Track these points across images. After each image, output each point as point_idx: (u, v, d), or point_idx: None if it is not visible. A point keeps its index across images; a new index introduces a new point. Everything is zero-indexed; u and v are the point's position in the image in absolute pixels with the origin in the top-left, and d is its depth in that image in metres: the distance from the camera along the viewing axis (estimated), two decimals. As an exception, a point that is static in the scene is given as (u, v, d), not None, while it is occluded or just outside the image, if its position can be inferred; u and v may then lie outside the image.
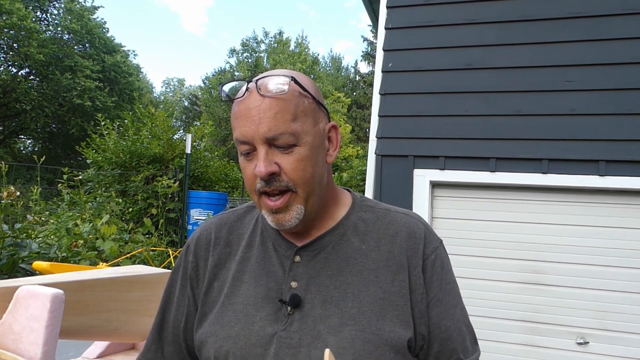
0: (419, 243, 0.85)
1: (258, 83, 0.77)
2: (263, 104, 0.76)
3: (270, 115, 0.75)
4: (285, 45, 27.30)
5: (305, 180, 0.78)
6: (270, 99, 0.76)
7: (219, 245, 0.92)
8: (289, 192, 0.79)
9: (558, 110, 2.77)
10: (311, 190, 0.80)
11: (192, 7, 79.62)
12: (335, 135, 0.86)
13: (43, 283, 1.23)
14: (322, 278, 0.82)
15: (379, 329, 0.78)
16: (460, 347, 0.84)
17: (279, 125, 0.75)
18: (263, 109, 0.76)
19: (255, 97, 0.77)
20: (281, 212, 0.79)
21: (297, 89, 0.78)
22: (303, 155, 0.78)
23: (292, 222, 0.80)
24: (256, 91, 0.77)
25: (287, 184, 0.78)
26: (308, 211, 0.81)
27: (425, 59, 3.06)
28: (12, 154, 22.74)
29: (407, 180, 2.96)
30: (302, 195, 0.79)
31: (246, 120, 0.77)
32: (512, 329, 2.79)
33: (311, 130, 0.80)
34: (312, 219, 0.84)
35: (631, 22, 2.71)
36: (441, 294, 0.84)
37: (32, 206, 7.26)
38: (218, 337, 0.82)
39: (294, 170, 0.77)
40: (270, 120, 0.75)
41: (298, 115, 0.78)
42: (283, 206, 0.79)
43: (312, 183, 0.80)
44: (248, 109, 0.77)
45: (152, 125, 9.79)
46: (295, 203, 0.79)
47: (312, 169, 0.79)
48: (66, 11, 20.91)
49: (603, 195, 2.72)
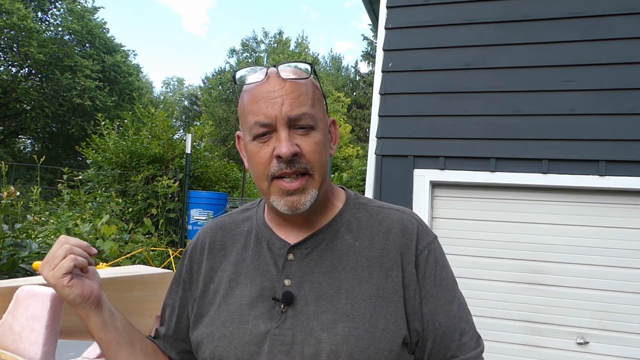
0: (411, 239, 0.85)
1: (279, 68, 0.80)
2: (286, 86, 0.79)
3: (294, 96, 0.79)
4: (285, 45, 27.31)
5: (321, 164, 0.81)
6: (291, 83, 0.79)
7: (215, 248, 0.93)
8: (306, 175, 0.80)
9: (558, 110, 2.77)
10: (324, 175, 0.83)
11: (193, 7, 79.77)
12: (334, 130, 0.90)
13: (43, 283, 1.23)
14: (316, 275, 0.83)
15: (372, 326, 0.78)
16: (456, 344, 0.82)
17: (302, 107, 0.79)
18: (286, 90, 0.79)
19: (276, 80, 0.80)
20: (297, 194, 0.80)
21: (313, 79, 0.83)
22: (319, 139, 0.81)
23: (305, 205, 0.81)
24: (276, 75, 0.80)
25: (305, 165, 0.80)
26: (320, 197, 0.83)
27: (425, 59, 3.06)
28: (12, 154, 22.74)
29: (407, 180, 2.96)
30: (318, 180, 0.81)
31: (268, 102, 0.79)
32: (511, 329, 2.79)
33: (323, 118, 0.85)
34: (315, 209, 0.85)
35: (630, 22, 2.71)
36: (435, 290, 0.83)
37: (32, 206, 7.25)
38: (213, 337, 0.83)
39: (313, 152, 0.80)
40: (294, 101, 0.78)
41: (315, 102, 0.82)
42: (300, 188, 0.80)
43: (325, 168, 0.83)
44: (269, 91, 0.79)
45: (152, 125, 9.78)
46: (311, 186, 0.81)
47: (326, 155, 0.83)
48: (67, 11, 20.92)
49: (603, 195, 2.72)
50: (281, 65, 0.81)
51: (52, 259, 0.80)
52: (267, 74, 0.80)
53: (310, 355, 0.76)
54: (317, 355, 0.76)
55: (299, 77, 0.80)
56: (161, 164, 9.15)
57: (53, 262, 0.79)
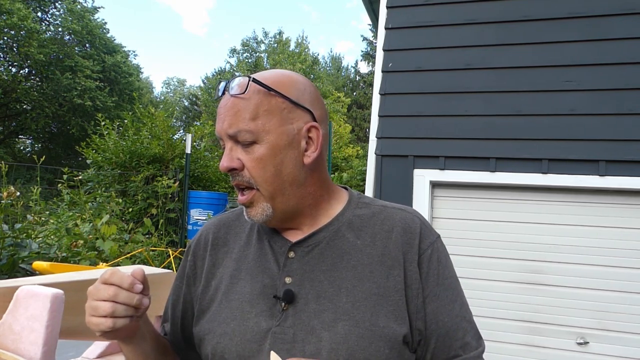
0: (414, 238, 0.85)
1: (231, 83, 0.82)
2: (228, 103, 0.81)
3: (231, 113, 0.81)
4: (285, 45, 27.31)
5: (265, 179, 0.81)
6: (233, 99, 0.81)
7: (217, 245, 0.94)
8: (253, 189, 0.82)
9: (558, 110, 2.77)
10: (275, 189, 0.82)
11: (194, 8, 79.72)
12: (316, 136, 0.84)
13: (43, 283, 1.23)
14: (316, 273, 0.83)
15: (373, 324, 0.78)
16: (459, 343, 0.83)
17: (237, 123, 0.80)
18: (228, 107, 0.81)
19: (226, 96, 0.83)
20: (248, 207, 0.84)
21: (258, 89, 0.81)
22: (262, 154, 0.80)
23: (257, 217, 0.83)
24: (227, 91, 0.82)
25: (248, 180, 0.82)
26: (278, 209, 0.83)
27: (425, 59, 3.06)
28: (12, 154, 22.74)
29: (407, 180, 2.96)
30: (266, 194, 0.82)
31: (218, 117, 0.84)
32: (511, 329, 2.79)
33: (275, 129, 0.80)
34: (293, 216, 0.86)
35: (631, 22, 2.71)
36: (438, 289, 0.84)
37: (32, 206, 7.25)
38: (215, 334, 0.84)
39: (253, 167, 0.81)
40: (231, 118, 0.80)
41: (259, 114, 0.80)
42: (248, 202, 0.83)
43: (275, 182, 0.81)
44: (220, 107, 0.83)
45: (152, 125, 9.78)
46: (260, 201, 0.83)
47: (275, 168, 0.81)
48: (67, 12, 20.92)
49: (602, 195, 2.72)
50: (236, 79, 0.82)
51: (95, 308, 0.75)
52: (224, 88, 0.83)
53: (311, 353, 0.76)
54: (318, 354, 0.76)
55: (237, 92, 0.80)
56: (161, 164, 9.15)
57: (96, 310, 0.74)
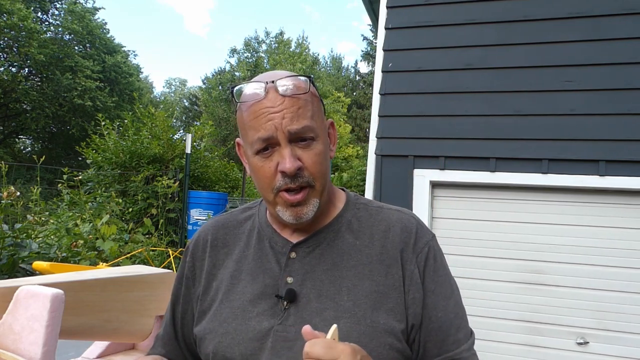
0: (411, 237, 0.87)
1: (277, 83, 0.81)
2: (285, 101, 0.80)
3: (293, 110, 0.80)
4: (286, 45, 27.30)
5: (322, 174, 0.84)
6: (291, 98, 0.80)
7: (217, 246, 0.95)
8: (308, 187, 0.83)
9: (558, 110, 2.77)
10: (325, 183, 0.85)
11: (196, 8, 79.75)
12: (333, 132, 0.91)
13: (43, 283, 1.23)
14: (318, 273, 0.85)
15: (373, 321, 0.80)
16: (452, 338, 0.85)
17: (302, 120, 0.80)
18: (286, 105, 0.80)
19: (275, 96, 0.80)
20: (300, 205, 0.83)
21: (312, 89, 0.84)
22: (320, 150, 0.83)
23: (309, 215, 0.84)
24: (274, 90, 0.80)
25: (308, 179, 0.82)
26: (321, 204, 0.86)
27: (425, 59, 3.06)
28: (12, 154, 22.73)
29: (407, 180, 2.96)
30: (319, 189, 0.84)
31: (268, 117, 0.80)
32: (511, 329, 2.79)
33: (322, 127, 0.86)
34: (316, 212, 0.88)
35: (631, 22, 2.71)
36: (433, 286, 0.86)
37: (32, 206, 7.26)
38: (216, 333, 0.85)
39: (314, 164, 0.82)
40: (294, 115, 0.80)
41: (314, 113, 0.83)
42: (303, 200, 0.83)
43: (326, 176, 0.86)
44: (269, 107, 0.80)
45: (152, 125, 9.78)
46: (312, 197, 0.84)
47: (326, 163, 0.85)
48: (68, 12, 20.92)
49: (603, 195, 2.72)
50: (280, 80, 0.81)
51: None
52: (266, 89, 0.81)
53: None
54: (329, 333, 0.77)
55: (296, 91, 0.80)
56: (161, 164, 9.15)
57: None
